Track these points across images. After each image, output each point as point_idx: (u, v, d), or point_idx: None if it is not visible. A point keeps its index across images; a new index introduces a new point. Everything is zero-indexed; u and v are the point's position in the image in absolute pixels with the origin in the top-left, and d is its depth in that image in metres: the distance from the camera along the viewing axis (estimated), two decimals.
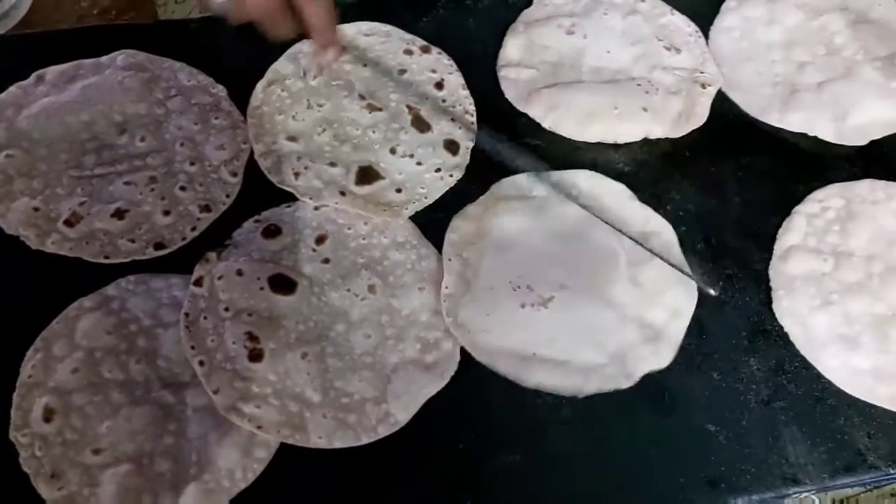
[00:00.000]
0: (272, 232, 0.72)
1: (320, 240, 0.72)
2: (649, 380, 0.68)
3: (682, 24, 0.87)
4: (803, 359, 0.70)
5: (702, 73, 0.84)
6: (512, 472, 0.65)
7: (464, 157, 0.78)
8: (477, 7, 0.87)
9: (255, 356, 0.65)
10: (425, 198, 0.75)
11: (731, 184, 0.79)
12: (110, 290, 0.69)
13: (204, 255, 0.70)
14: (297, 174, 0.75)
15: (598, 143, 0.80)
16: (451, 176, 0.77)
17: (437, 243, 0.73)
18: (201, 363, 0.64)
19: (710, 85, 0.83)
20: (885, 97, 0.82)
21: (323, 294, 0.69)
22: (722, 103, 0.84)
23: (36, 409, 0.62)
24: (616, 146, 0.80)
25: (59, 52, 0.81)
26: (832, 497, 1.69)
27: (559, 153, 0.79)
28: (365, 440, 0.64)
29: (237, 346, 0.65)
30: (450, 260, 0.71)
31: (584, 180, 0.77)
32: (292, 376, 0.65)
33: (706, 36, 0.88)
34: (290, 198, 0.74)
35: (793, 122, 0.82)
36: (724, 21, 0.88)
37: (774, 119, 0.83)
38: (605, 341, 0.69)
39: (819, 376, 0.70)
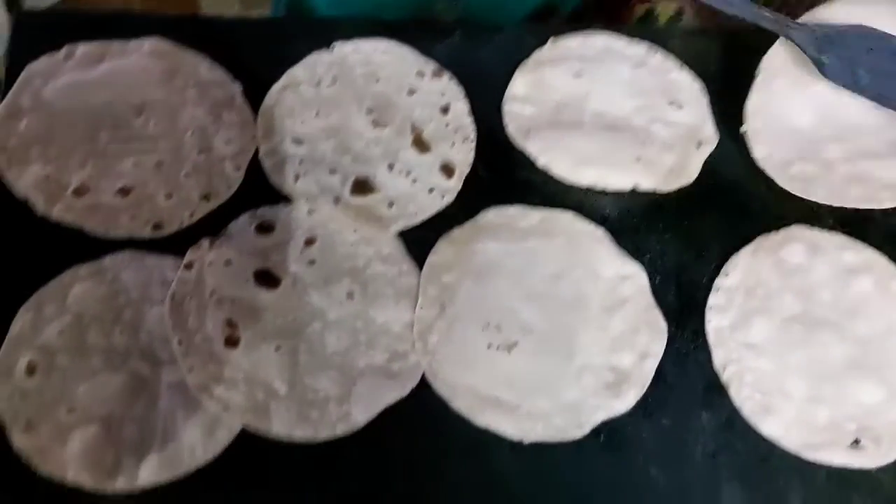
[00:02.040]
0: (265, 228, 0.78)
1: (309, 242, 0.78)
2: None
3: (688, 82, 0.92)
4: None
5: (699, 131, 0.89)
6: (455, 492, 0.70)
7: (458, 182, 0.83)
8: (492, 39, 0.92)
9: (232, 342, 0.71)
10: (415, 216, 0.81)
11: (711, 243, 0.83)
12: (106, 261, 0.74)
13: (198, 242, 0.75)
14: (296, 177, 0.80)
15: (589, 188, 0.85)
16: (443, 198, 0.82)
17: (421, 261, 0.79)
18: (180, 342, 0.70)
19: (704, 144, 0.88)
20: None
21: (304, 293, 0.75)
22: (716, 162, 0.88)
23: (20, 363, 0.68)
24: (605, 192, 0.85)
25: (94, 31, 0.87)
26: None
27: (549, 191, 0.84)
28: (323, 436, 0.69)
29: (216, 330, 0.71)
30: (427, 284, 0.77)
31: (567, 221, 0.82)
32: (263, 366, 0.70)
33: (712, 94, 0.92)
34: (288, 199, 0.80)
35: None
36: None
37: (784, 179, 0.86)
38: (560, 392, 0.73)
39: (766, 439, 0.74)
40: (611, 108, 0.89)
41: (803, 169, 0.87)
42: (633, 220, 0.84)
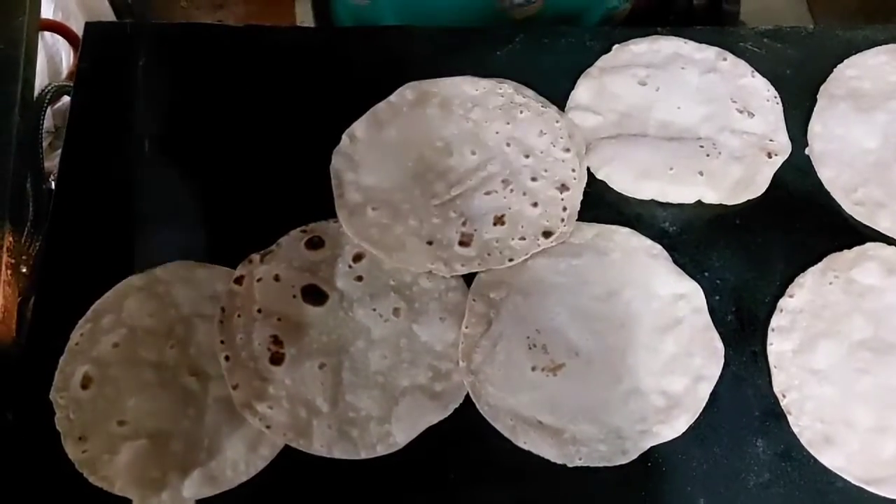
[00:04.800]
0: (315, 244, 0.80)
1: (357, 258, 0.80)
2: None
3: (761, 88, 0.90)
4: None
5: (771, 140, 0.87)
6: None
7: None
8: (553, 46, 0.92)
9: (277, 359, 0.74)
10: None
11: (776, 260, 0.82)
12: (158, 272, 0.78)
13: (248, 256, 0.79)
14: None
15: (649, 200, 0.85)
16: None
17: (468, 277, 0.80)
18: (227, 358, 0.74)
19: (776, 154, 0.86)
20: None
21: (350, 310, 0.77)
22: (787, 175, 0.86)
23: (77, 375, 0.73)
24: (665, 204, 0.84)
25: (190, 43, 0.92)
26: None
27: (606, 203, 0.84)
28: (363, 455, 0.72)
29: (262, 347, 0.74)
30: (474, 300, 0.78)
31: (622, 237, 0.82)
32: (307, 384, 0.73)
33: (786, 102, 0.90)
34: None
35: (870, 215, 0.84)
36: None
37: (848, 203, 0.84)
38: (606, 417, 0.74)
39: (826, 471, 0.73)
40: (676, 117, 0.88)
41: (869, 193, 0.84)
42: (693, 235, 0.83)
